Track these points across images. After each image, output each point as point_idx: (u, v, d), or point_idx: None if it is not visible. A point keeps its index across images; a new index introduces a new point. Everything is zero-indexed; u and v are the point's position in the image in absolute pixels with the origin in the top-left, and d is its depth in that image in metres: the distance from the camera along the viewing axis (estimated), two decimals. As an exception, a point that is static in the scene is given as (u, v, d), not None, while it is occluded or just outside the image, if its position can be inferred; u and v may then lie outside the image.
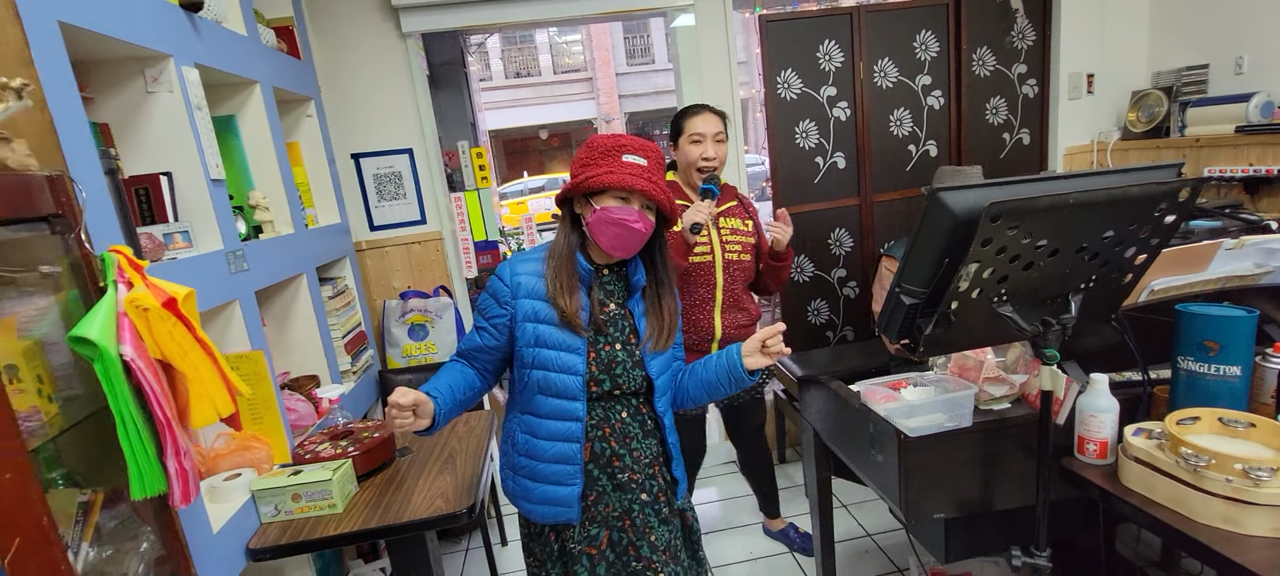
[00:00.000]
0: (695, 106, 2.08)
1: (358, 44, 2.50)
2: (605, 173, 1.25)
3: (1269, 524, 1.03)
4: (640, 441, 1.37)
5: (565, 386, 1.30)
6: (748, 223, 2.13)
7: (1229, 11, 2.56)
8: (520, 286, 1.33)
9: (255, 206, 1.84)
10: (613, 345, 1.34)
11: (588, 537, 1.37)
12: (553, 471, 1.33)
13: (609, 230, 1.27)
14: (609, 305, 1.36)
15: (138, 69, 1.42)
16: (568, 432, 1.31)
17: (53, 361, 0.99)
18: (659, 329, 1.36)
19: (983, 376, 1.40)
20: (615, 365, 1.33)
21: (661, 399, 1.39)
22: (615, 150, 1.27)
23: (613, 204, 1.26)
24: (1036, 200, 1.07)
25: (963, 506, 1.41)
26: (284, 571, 1.84)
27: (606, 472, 1.36)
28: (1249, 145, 2.34)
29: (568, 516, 1.34)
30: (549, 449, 1.33)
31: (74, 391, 1.03)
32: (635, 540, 1.37)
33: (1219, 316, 1.20)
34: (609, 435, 1.35)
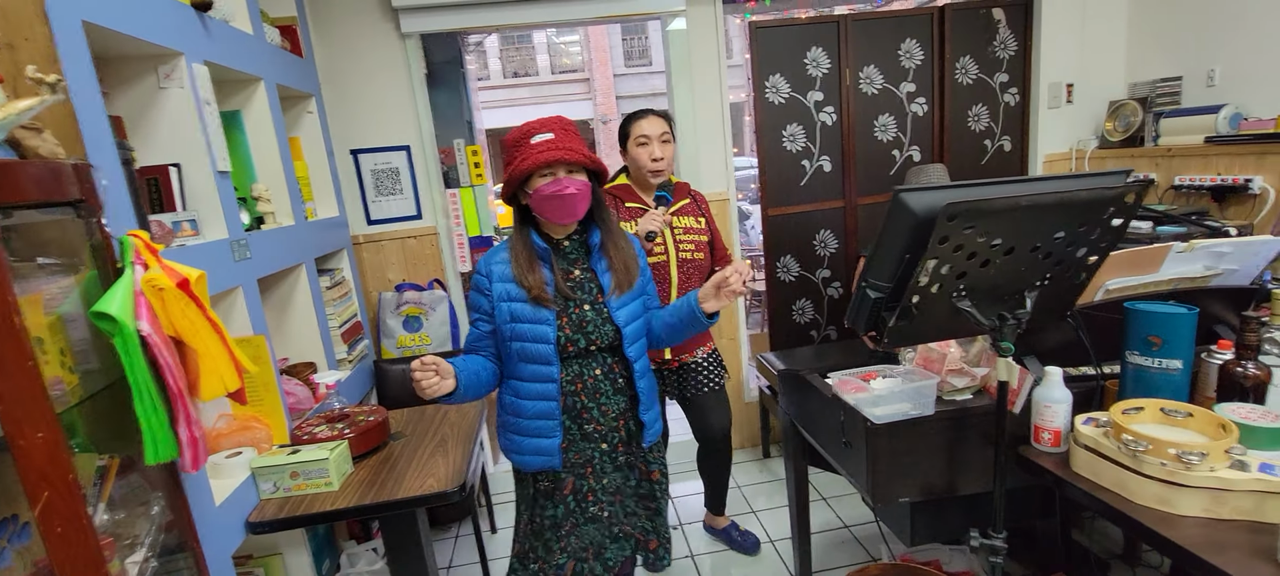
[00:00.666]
0: (639, 111, 2.17)
1: (358, 43, 2.58)
2: (521, 160, 1.40)
3: (1199, 504, 1.12)
4: (610, 397, 1.54)
5: (540, 353, 1.46)
6: (701, 220, 2.20)
7: (1202, 26, 2.66)
8: (494, 273, 1.49)
9: (258, 198, 1.91)
10: (582, 307, 1.49)
11: (556, 482, 1.56)
12: (536, 426, 1.50)
13: (549, 204, 1.42)
14: (574, 272, 1.52)
15: (151, 66, 1.49)
16: (545, 392, 1.48)
17: (72, 337, 1.07)
18: (617, 275, 1.50)
19: (946, 368, 1.49)
20: (586, 324, 1.48)
21: (633, 346, 1.53)
22: (524, 138, 1.42)
23: (541, 182, 1.41)
24: (990, 202, 1.15)
25: (927, 491, 1.49)
26: (280, 548, 1.92)
27: (576, 424, 1.53)
28: (1217, 155, 2.43)
29: (552, 464, 1.52)
30: (531, 407, 1.50)
31: (91, 365, 1.10)
32: (593, 485, 1.57)
33: (1162, 313, 1.28)
34: (581, 390, 1.51)
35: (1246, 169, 2.32)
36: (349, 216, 2.68)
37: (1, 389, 0.82)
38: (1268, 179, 2.24)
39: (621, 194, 2.17)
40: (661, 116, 2.15)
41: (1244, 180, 2.29)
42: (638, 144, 2.11)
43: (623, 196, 2.16)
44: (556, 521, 1.57)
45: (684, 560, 2.43)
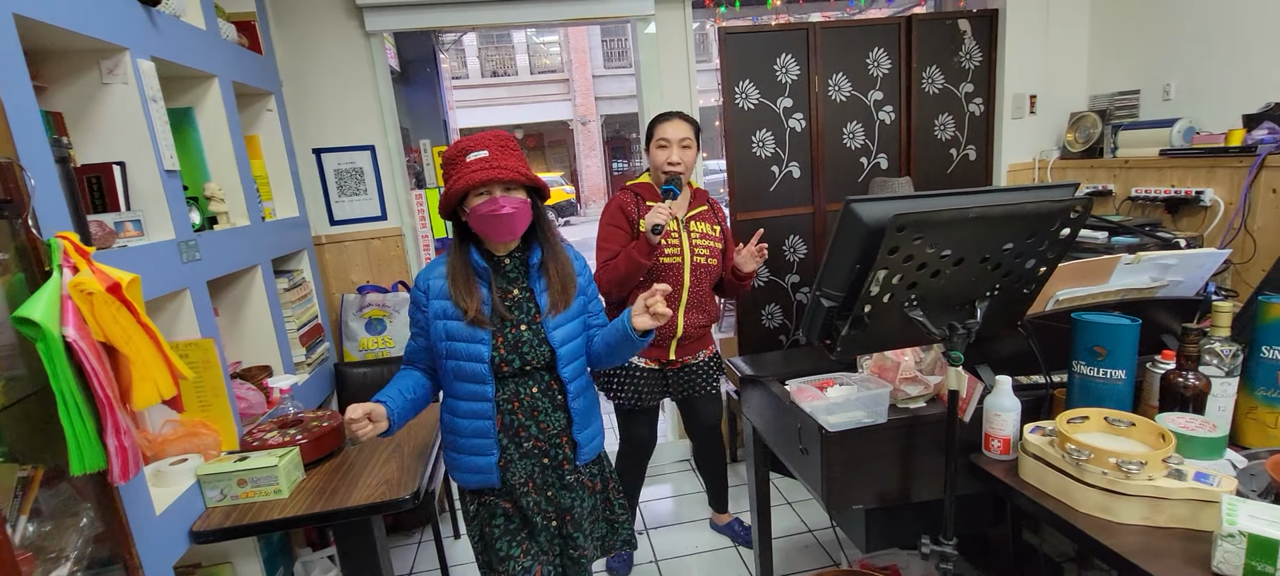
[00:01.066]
0: (666, 114, 2.18)
1: (321, 41, 2.53)
2: (457, 180, 1.37)
3: (1138, 512, 1.14)
4: (548, 414, 1.51)
5: (475, 371, 1.45)
6: (716, 228, 2.23)
7: (1159, 42, 2.73)
8: (431, 289, 1.48)
9: (210, 198, 1.87)
10: (518, 327, 1.47)
11: (496, 499, 1.54)
12: (472, 444, 1.50)
13: (486, 223, 1.40)
14: (513, 291, 1.49)
15: (93, 60, 1.44)
16: (480, 411, 1.47)
17: (-3, 342, 1.03)
18: (553, 295, 1.48)
19: (899, 376, 1.50)
20: (522, 344, 1.46)
21: (568, 366, 1.51)
22: (459, 156, 1.39)
23: (477, 201, 1.38)
24: (938, 213, 1.16)
25: (881, 498, 1.50)
26: (231, 556, 1.87)
27: (515, 442, 1.51)
28: (1171, 167, 2.50)
29: (490, 481, 1.51)
30: (466, 426, 1.49)
31: (16, 372, 1.06)
32: (537, 499, 1.54)
33: (1106, 324, 1.31)
34: (518, 409, 1.49)
35: (1198, 181, 2.38)
36: (311, 217, 2.62)
37: (-95, 398, 0.78)
38: (1218, 191, 2.30)
39: (642, 192, 2.20)
40: (686, 121, 2.16)
41: (1196, 192, 2.34)
42: (658, 146, 2.14)
43: (643, 194, 2.19)
44: (510, 529, 1.56)
45: (648, 565, 2.42)
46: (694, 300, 2.14)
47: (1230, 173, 2.26)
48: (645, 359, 2.20)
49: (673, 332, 2.14)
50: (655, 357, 2.20)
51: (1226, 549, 0.98)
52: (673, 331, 2.14)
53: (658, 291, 1.39)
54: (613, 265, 2.08)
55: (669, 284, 2.09)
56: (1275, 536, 0.93)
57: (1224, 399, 1.29)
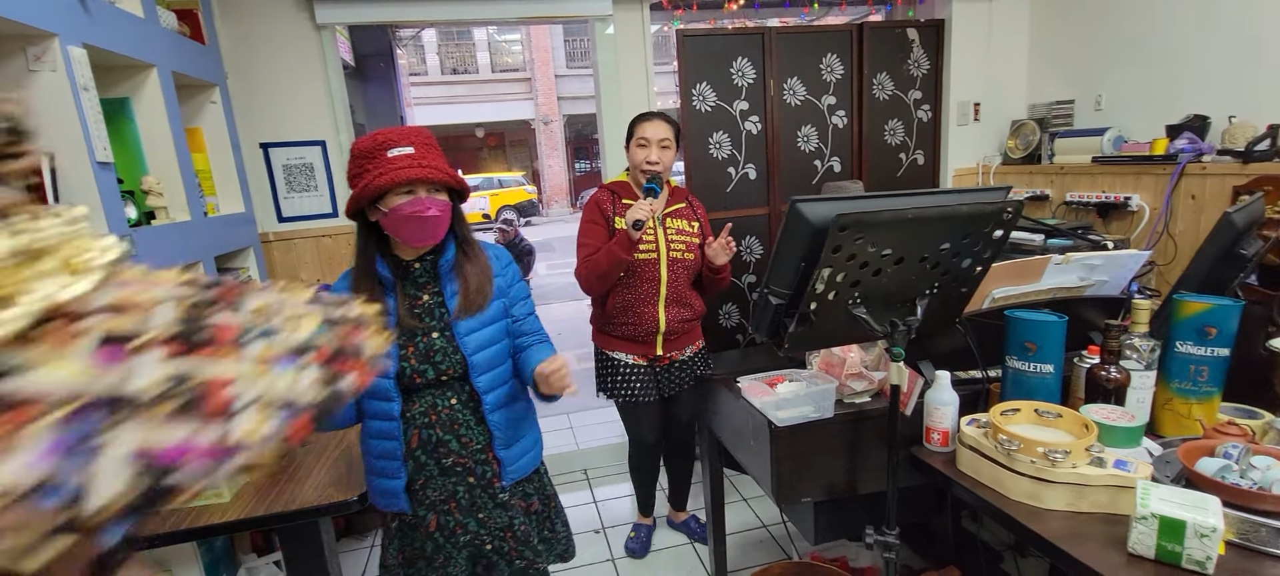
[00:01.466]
0: (647, 113, 2.19)
1: (269, 32, 2.46)
2: (378, 175, 1.24)
3: (1064, 499, 1.20)
4: (470, 428, 1.41)
5: (378, 387, 1.34)
6: (694, 224, 2.25)
7: (1091, 55, 2.87)
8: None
9: (148, 192, 1.80)
10: (429, 335, 1.36)
11: (418, 519, 1.43)
12: (380, 465, 1.40)
13: (406, 226, 1.28)
14: (422, 298, 1.38)
15: (19, 46, 1.38)
16: (387, 431, 1.37)
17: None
18: (465, 297, 1.37)
19: (845, 372, 1.54)
20: (434, 353, 1.36)
21: (484, 375, 1.40)
22: (379, 150, 1.26)
23: (399, 200, 1.26)
24: (878, 214, 1.21)
25: (829, 491, 1.55)
26: (170, 564, 1.80)
27: (433, 458, 1.40)
28: (1102, 174, 2.63)
29: (398, 505, 1.41)
30: (376, 446, 1.40)
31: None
32: (462, 519, 1.43)
33: (1035, 321, 1.37)
34: (435, 422, 1.39)
35: (1126, 187, 2.51)
36: (257, 213, 2.55)
37: None
38: (1144, 197, 2.44)
39: (619, 190, 2.20)
40: (667, 121, 2.17)
41: (1124, 198, 2.48)
42: (638, 145, 2.15)
43: (619, 193, 2.20)
44: (428, 555, 1.45)
45: (604, 564, 2.43)
46: (673, 295, 2.17)
47: (1155, 179, 2.39)
48: (633, 355, 2.22)
49: (656, 328, 2.16)
50: (643, 354, 2.22)
51: (1140, 530, 1.04)
52: (656, 327, 2.16)
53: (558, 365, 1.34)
54: (593, 260, 2.10)
55: (646, 280, 2.14)
56: (1183, 518, 1.00)
57: (1143, 391, 1.37)
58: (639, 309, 2.15)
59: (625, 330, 2.17)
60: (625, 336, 2.19)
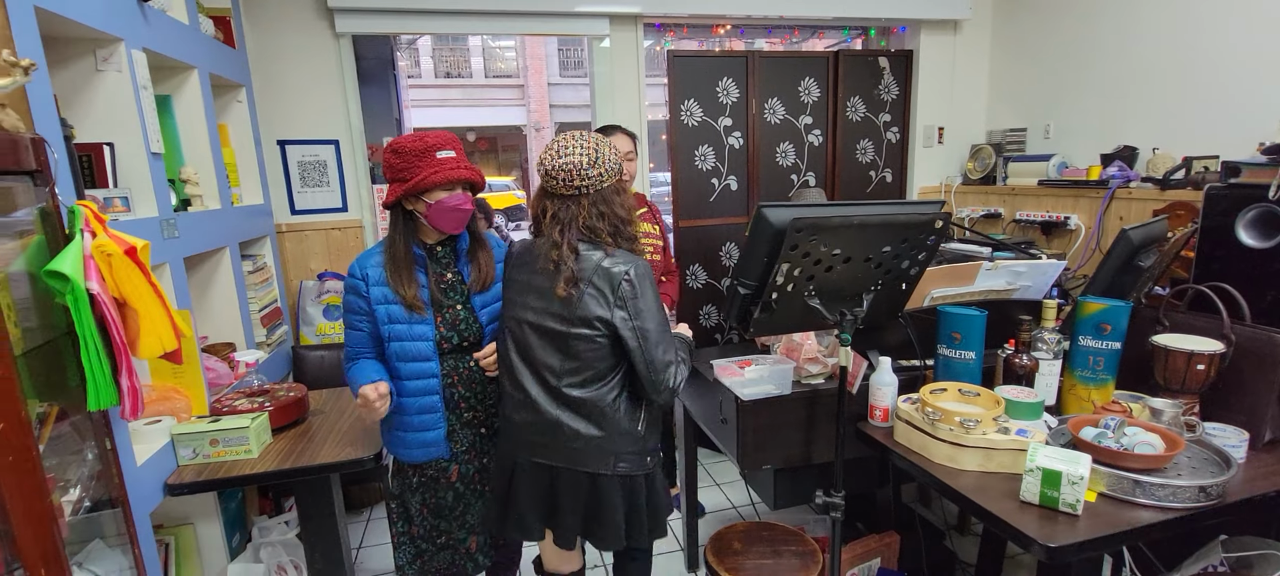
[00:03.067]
0: (607, 127, 2.41)
1: (292, 39, 2.66)
2: (433, 172, 1.47)
3: (975, 461, 1.44)
4: (484, 386, 1.65)
5: (419, 351, 1.55)
6: (655, 226, 2.47)
7: (1041, 87, 3.16)
8: (370, 276, 1.55)
9: (186, 181, 1.99)
10: (455, 307, 1.61)
11: (442, 470, 1.65)
12: (421, 421, 1.59)
13: (447, 216, 1.52)
14: (446, 275, 1.62)
15: (90, 49, 1.58)
16: (428, 388, 1.58)
17: (15, 295, 1.17)
18: (477, 273, 1.62)
19: (803, 356, 1.78)
20: (459, 322, 1.60)
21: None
22: (428, 151, 1.48)
23: (443, 195, 1.50)
24: (828, 219, 1.44)
25: (787, 460, 1.78)
26: (192, 518, 1.98)
27: (455, 414, 1.63)
28: (1047, 195, 2.91)
29: (439, 453, 1.62)
30: (414, 403, 1.58)
31: (30, 323, 1.20)
32: (477, 466, 1.68)
33: (960, 314, 1.62)
34: (457, 382, 1.62)
35: (1066, 208, 2.79)
36: (273, 205, 2.74)
37: (-31, 329, 0.94)
38: (1081, 217, 2.71)
39: None
40: (627, 135, 2.39)
41: (1064, 217, 2.75)
42: None
43: None
44: (450, 505, 1.66)
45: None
46: None
47: (1090, 201, 2.67)
48: None
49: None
50: None
51: (1028, 481, 1.28)
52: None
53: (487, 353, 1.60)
54: None
55: None
56: (1058, 469, 1.24)
57: (1050, 376, 1.62)
58: None
59: None
60: None
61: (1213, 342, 1.54)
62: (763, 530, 1.91)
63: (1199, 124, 2.45)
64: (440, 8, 2.73)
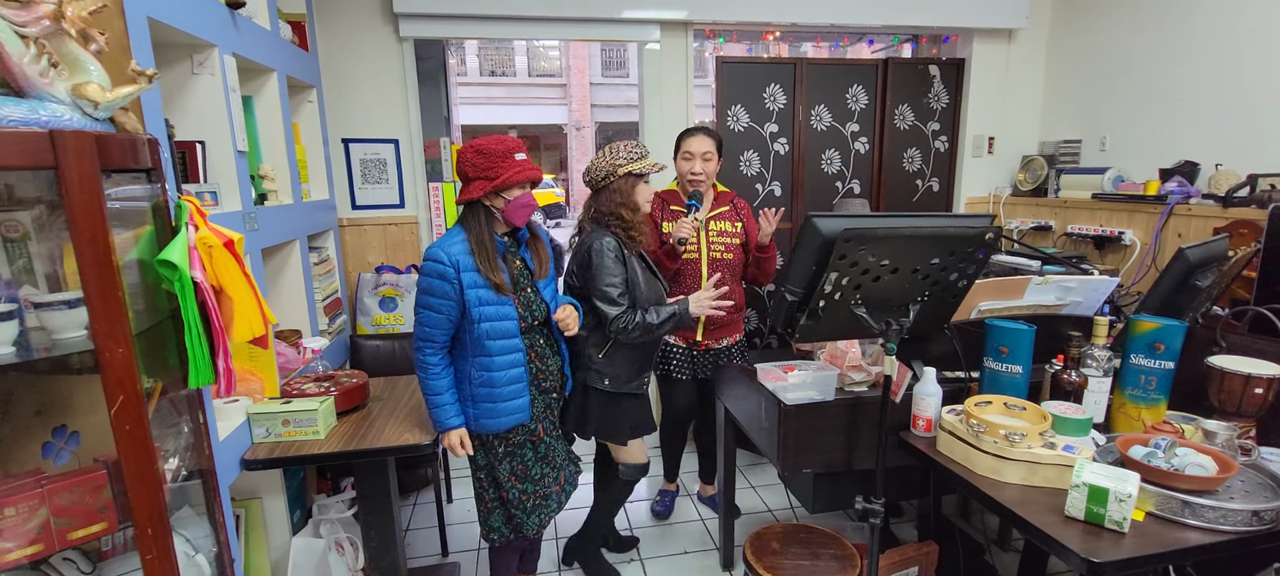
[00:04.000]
0: (691, 129, 2.48)
1: (359, 43, 2.80)
2: (517, 172, 1.69)
3: (1019, 474, 1.45)
4: (551, 358, 1.92)
5: (507, 329, 1.76)
6: (737, 224, 2.52)
7: (1099, 99, 3.10)
8: (460, 263, 1.70)
9: (264, 177, 2.13)
10: (526, 290, 1.83)
11: (527, 432, 1.88)
12: (510, 391, 1.80)
13: (520, 211, 1.74)
14: (516, 262, 1.83)
15: (187, 54, 1.71)
16: (516, 361, 1.79)
17: (128, 281, 1.29)
18: (538, 261, 1.87)
19: (847, 363, 1.81)
20: (532, 304, 1.83)
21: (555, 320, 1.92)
22: (509, 153, 1.70)
23: (518, 193, 1.73)
24: (877, 230, 1.48)
25: (827, 464, 1.81)
26: (260, 493, 2.12)
27: (535, 384, 1.87)
28: (1101, 209, 2.85)
29: (524, 418, 1.83)
30: (504, 376, 1.78)
31: (139, 307, 1.32)
32: (548, 425, 1.94)
33: (1008, 328, 1.63)
34: (535, 357, 1.87)
35: (1121, 223, 2.74)
36: (336, 200, 2.88)
37: (99, 311, 1.05)
38: (1136, 233, 2.66)
39: (668, 198, 2.50)
40: (710, 136, 2.46)
41: (1118, 232, 2.70)
42: (683, 158, 2.45)
43: (669, 200, 2.49)
44: (536, 460, 1.90)
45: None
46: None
47: (1146, 217, 2.62)
48: (676, 338, 2.53)
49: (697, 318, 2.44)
50: (684, 337, 2.53)
51: (1073, 496, 1.29)
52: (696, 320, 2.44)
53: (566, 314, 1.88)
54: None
55: (689, 277, 2.45)
56: (1106, 485, 1.25)
57: (1099, 394, 1.61)
58: None
59: None
60: None
61: (1272, 366, 1.52)
62: (801, 531, 1.94)
63: (1265, 140, 2.38)
64: (497, 13, 2.83)
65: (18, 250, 1.16)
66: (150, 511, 1.14)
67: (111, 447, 1.11)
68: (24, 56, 1.00)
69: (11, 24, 1.00)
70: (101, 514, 1.11)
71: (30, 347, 1.07)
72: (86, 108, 1.08)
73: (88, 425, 1.22)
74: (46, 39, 1.04)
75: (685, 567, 2.46)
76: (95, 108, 1.08)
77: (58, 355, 1.10)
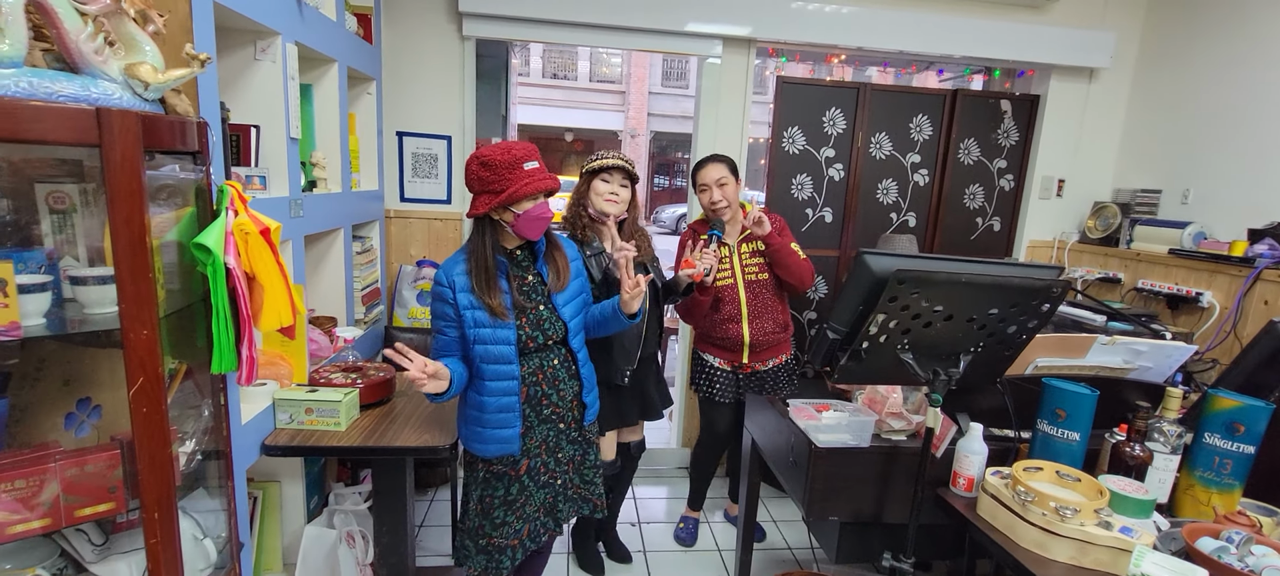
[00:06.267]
0: (701, 161, 2.45)
1: (422, 38, 2.84)
2: (524, 184, 1.55)
3: (1068, 552, 1.33)
4: (565, 382, 1.75)
5: (502, 354, 1.63)
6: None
7: (1183, 148, 2.89)
8: (456, 283, 1.62)
9: (315, 165, 2.16)
10: (537, 308, 1.69)
11: (511, 464, 1.71)
12: (498, 419, 1.66)
13: (533, 225, 1.61)
14: (528, 277, 1.71)
15: (251, 39, 1.74)
16: (507, 388, 1.65)
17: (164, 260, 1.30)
18: (555, 274, 1.72)
19: (887, 410, 1.70)
20: (542, 322, 1.69)
21: (576, 338, 1.76)
22: (517, 164, 1.57)
23: (530, 205, 1.59)
24: (934, 274, 1.38)
25: (855, 514, 1.71)
26: (279, 477, 2.14)
27: (536, 411, 1.72)
28: (1178, 266, 2.65)
29: (511, 450, 1.69)
30: (493, 403, 1.65)
31: (173, 286, 1.34)
32: (547, 459, 1.76)
33: (1068, 390, 1.50)
34: (542, 381, 1.71)
35: (1200, 283, 2.53)
36: (385, 191, 2.92)
37: (128, 292, 1.05)
38: (1216, 295, 2.46)
39: (699, 228, 2.47)
40: (721, 162, 2.42)
41: (1196, 292, 2.50)
42: (700, 190, 2.43)
43: (699, 230, 2.46)
44: (509, 498, 1.72)
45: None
46: (755, 311, 2.42)
47: (1229, 280, 2.41)
48: (721, 360, 2.50)
49: (742, 343, 2.41)
50: (730, 361, 2.50)
51: (1130, 587, 1.17)
52: (742, 342, 2.42)
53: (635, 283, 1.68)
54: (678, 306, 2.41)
55: (728, 303, 2.40)
56: (1169, 581, 1.12)
57: (1165, 472, 1.47)
58: (725, 327, 2.44)
59: (718, 339, 2.47)
60: (717, 343, 2.49)
61: (1371, 464, 1.36)
62: (824, 582, 1.84)
63: (1376, 209, 2.16)
64: (560, 18, 2.82)
65: (64, 221, 1.18)
66: (159, 494, 1.14)
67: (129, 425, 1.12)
68: (81, 33, 1.02)
69: (73, 1, 1.02)
70: (111, 493, 1.12)
71: (62, 321, 1.08)
72: (137, 88, 1.09)
73: (111, 399, 1.23)
74: (105, 17, 1.06)
75: (699, 599, 2.38)
76: (146, 88, 1.09)
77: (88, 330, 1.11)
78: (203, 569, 1.33)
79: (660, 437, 3.66)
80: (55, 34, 1.00)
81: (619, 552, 2.59)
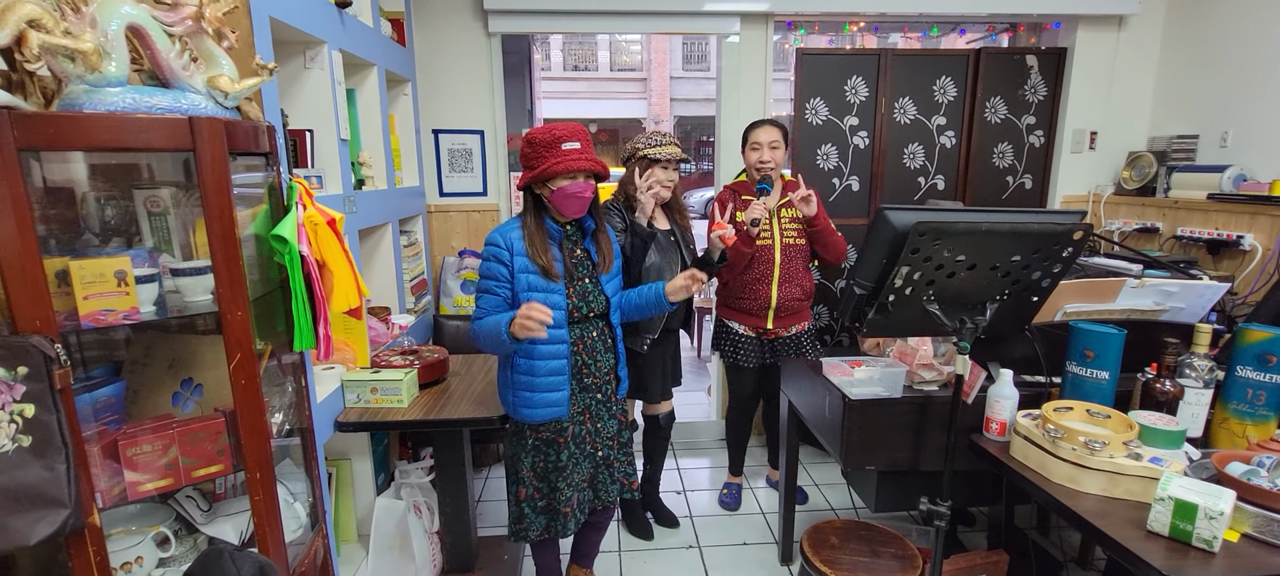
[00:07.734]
0: (758, 121, 2.53)
1: (451, 39, 2.96)
2: (556, 163, 1.64)
3: (1098, 484, 1.38)
4: (603, 354, 1.84)
5: (555, 319, 1.66)
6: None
7: (1222, 91, 2.83)
8: (514, 246, 1.72)
9: (362, 164, 2.30)
10: (583, 280, 1.79)
11: (559, 431, 1.80)
12: (549, 382, 1.74)
13: (568, 202, 1.69)
14: (577, 251, 1.80)
15: (301, 50, 1.88)
16: (558, 353, 1.74)
17: (246, 253, 1.45)
18: (602, 255, 1.82)
19: (918, 361, 1.76)
20: (588, 295, 1.78)
21: (615, 314, 1.87)
22: (556, 143, 1.66)
23: (565, 183, 1.67)
24: (954, 224, 1.44)
25: (892, 463, 1.78)
26: (350, 454, 2.30)
27: (577, 379, 1.81)
28: (1217, 211, 2.62)
29: (561, 413, 1.77)
30: (545, 366, 1.73)
31: (254, 276, 1.48)
32: (590, 428, 1.86)
33: (1095, 331, 1.54)
34: (582, 350, 1.80)
35: (1240, 226, 2.50)
36: (425, 187, 3.07)
37: (223, 277, 1.19)
38: (1258, 237, 2.43)
39: (739, 189, 2.56)
40: (775, 126, 2.51)
41: (1237, 236, 2.47)
42: (751, 148, 2.51)
43: (739, 191, 2.55)
44: (561, 464, 1.80)
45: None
46: (785, 275, 2.50)
47: (1271, 221, 2.38)
48: (745, 327, 2.59)
49: (768, 304, 2.49)
50: (754, 326, 2.58)
51: (1157, 510, 1.22)
52: (768, 303, 2.50)
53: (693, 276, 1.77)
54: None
55: (761, 262, 2.49)
56: (1195, 501, 1.18)
57: (1197, 406, 1.50)
58: (754, 287, 2.51)
59: (743, 304, 2.55)
60: (742, 309, 2.57)
61: (1407, 387, 1.37)
62: (861, 529, 1.92)
63: None
64: (580, 8, 2.91)
65: (159, 223, 1.33)
66: (259, 457, 1.28)
67: (229, 400, 1.26)
68: (170, 52, 1.15)
69: (162, 23, 1.15)
70: (219, 457, 1.26)
71: (166, 308, 1.22)
72: (218, 98, 1.22)
73: (210, 379, 1.38)
74: (189, 37, 1.19)
75: (744, 559, 2.47)
76: (225, 97, 1.22)
77: (188, 315, 1.26)
78: (295, 529, 1.48)
79: (700, 411, 3.75)
80: (149, 54, 1.14)
81: (667, 518, 2.70)
